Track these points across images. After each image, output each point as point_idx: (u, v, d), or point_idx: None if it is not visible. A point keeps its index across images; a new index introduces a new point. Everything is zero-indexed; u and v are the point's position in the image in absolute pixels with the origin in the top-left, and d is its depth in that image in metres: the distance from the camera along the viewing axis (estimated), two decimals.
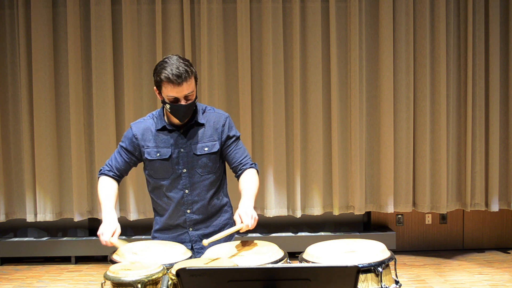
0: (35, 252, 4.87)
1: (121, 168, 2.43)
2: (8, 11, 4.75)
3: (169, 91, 2.21)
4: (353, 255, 2.04)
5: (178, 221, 2.40)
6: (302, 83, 4.78)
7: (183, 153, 2.33)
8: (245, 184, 2.32)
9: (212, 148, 2.35)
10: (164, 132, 2.34)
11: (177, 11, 4.71)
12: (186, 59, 2.26)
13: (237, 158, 2.39)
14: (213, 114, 2.39)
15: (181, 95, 2.21)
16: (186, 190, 2.36)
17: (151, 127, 2.37)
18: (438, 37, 4.72)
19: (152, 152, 2.34)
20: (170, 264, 2.02)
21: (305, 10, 4.76)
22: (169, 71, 2.17)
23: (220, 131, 2.37)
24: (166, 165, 2.33)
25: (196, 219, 2.40)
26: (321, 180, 4.79)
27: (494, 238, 5.20)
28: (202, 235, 2.41)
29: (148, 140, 2.35)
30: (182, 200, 2.37)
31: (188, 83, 2.20)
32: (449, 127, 4.83)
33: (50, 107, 4.71)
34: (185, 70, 2.18)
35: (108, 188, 2.36)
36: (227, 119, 2.40)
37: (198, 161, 2.33)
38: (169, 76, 2.17)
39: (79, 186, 4.72)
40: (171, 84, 2.18)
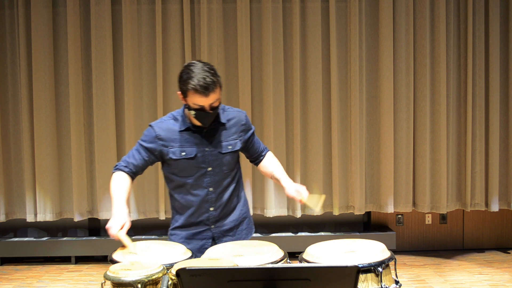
0: (35, 252, 4.87)
1: (138, 165, 2.47)
2: (8, 11, 4.75)
3: (195, 100, 2.25)
4: (353, 255, 2.04)
5: (201, 218, 2.45)
6: (302, 83, 4.78)
7: (208, 152, 2.38)
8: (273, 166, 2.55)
9: (235, 146, 2.44)
10: (188, 132, 2.38)
11: (177, 11, 4.71)
12: (210, 65, 2.28)
13: (256, 148, 2.57)
14: (232, 113, 2.46)
15: (207, 104, 2.25)
16: (210, 188, 2.41)
17: (174, 127, 2.40)
18: (438, 37, 4.72)
19: (177, 152, 2.38)
20: (170, 264, 2.02)
21: (305, 10, 4.76)
22: (196, 82, 2.20)
23: (242, 129, 2.47)
24: (191, 164, 2.38)
25: (218, 215, 2.46)
26: (321, 180, 4.79)
27: (494, 238, 5.20)
28: (224, 231, 2.48)
29: (172, 140, 2.39)
30: (206, 197, 2.42)
31: (215, 93, 2.24)
32: (449, 127, 4.83)
33: (50, 107, 4.71)
34: (212, 81, 2.21)
35: (121, 183, 2.41)
36: (246, 117, 2.52)
37: (222, 159, 2.40)
38: (196, 88, 2.20)
39: (79, 186, 4.72)
40: (198, 94, 2.22)
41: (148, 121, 4.78)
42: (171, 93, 4.73)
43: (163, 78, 4.71)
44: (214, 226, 2.46)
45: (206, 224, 2.46)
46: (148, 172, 4.77)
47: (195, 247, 2.40)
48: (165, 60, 4.72)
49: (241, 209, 2.55)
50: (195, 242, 2.45)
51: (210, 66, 2.27)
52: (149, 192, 4.80)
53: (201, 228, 2.46)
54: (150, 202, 4.81)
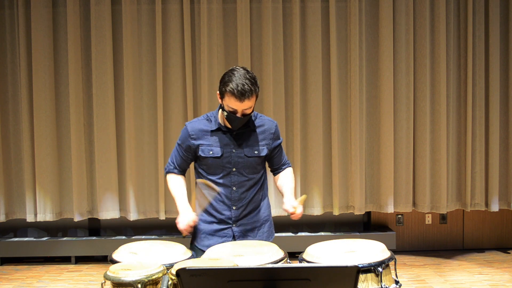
0: (35, 252, 4.87)
1: (182, 164, 2.62)
2: (8, 11, 4.75)
3: (230, 103, 2.36)
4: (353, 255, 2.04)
5: (223, 216, 2.54)
6: (302, 83, 4.78)
7: (235, 154, 2.50)
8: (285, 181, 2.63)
9: (261, 152, 2.54)
10: (218, 133, 2.52)
11: (177, 11, 4.71)
12: (252, 74, 2.39)
13: (279, 161, 2.68)
14: (263, 120, 2.59)
15: (240, 109, 2.37)
16: (233, 187, 2.53)
17: (206, 127, 2.53)
18: (438, 37, 4.72)
19: (206, 150, 2.50)
20: (170, 264, 2.02)
21: (305, 10, 4.76)
22: (235, 86, 2.32)
23: (270, 138, 2.58)
24: (217, 162, 2.50)
25: (240, 215, 2.55)
26: (321, 180, 4.80)
27: (494, 238, 5.20)
28: (245, 230, 2.56)
29: (203, 139, 2.52)
30: (230, 195, 2.52)
31: (250, 100, 2.36)
32: (449, 127, 4.83)
33: (50, 107, 4.71)
34: (249, 89, 2.32)
35: (178, 184, 2.59)
36: (277, 127, 2.64)
37: (247, 162, 2.52)
38: (233, 91, 2.32)
39: (79, 186, 4.72)
40: (234, 98, 2.33)
41: (148, 121, 4.80)
42: (171, 93, 4.74)
43: (163, 78, 4.71)
44: (235, 225, 2.55)
45: (228, 222, 2.54)
46: (148, 172, 4.79)
47: (215, 243, 2.47)
48: (165, 60, 4.72)
49: (263, 211, 2.64)
50: (216, 238, 2.52)
51: (252, 75, 2.38)
52: (149, 192, 4.80)
53: (223, 226, 2.55)
54: (150, 202, 4.81)
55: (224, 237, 2.53)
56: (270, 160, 2.66)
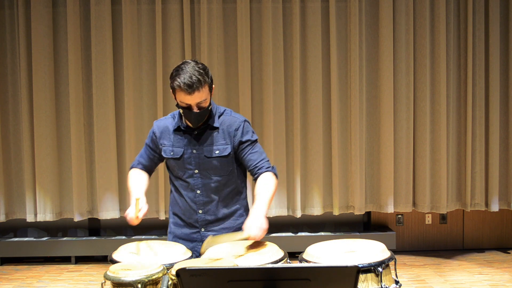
0: (35, 252, 4.87)
1: (147, 164, 2.51)
2: (8, 11, 4.75)
3: (181, 98, 2.25)
4: (353, 255, 2.04)
5: (191, 219, 2.44)
6: (302, 83, 4.78)
7: (195, 154, 2.37)
8: (259, 189, 2.28)
9: (223, 151, 2.36)
10: (179, 133, 2.40)
11: (177, 11, 4.71)
12: (203, 65, 2.27)
13: (252, 161, 2.36)
14: (228, 118, 2.40)
15: (193, 103, 2.24)
16: (198, 191, 2.39)
17: (170, 126, 2.43)
18: (438, 37, 4.72)
19: (167, 151, 2.41)
20: (170, 264, 2.02)
21: (305, 10, 4.76)
22: (182, 79, 2.20)
23: (233, 135, 2.37)
24: (178, 164, 2.39)
25: (208, 219, 2.42)
26: (321, 180, 4.79)
27: (494, 238, 5.20)
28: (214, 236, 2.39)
29: (165, 139, 2.42)
30: (195, 199, 2.41)
31: (200, 92, 2.22)
32: (449, 127, 4.83)
33: (50, 107, 4.71)
34: (197, 80, 2.19)
35: (136, 178, 2.46)
36: (242, 124, 2.39)
37: (209, 163, 2.36)
38: (180, 85, 2.21)
39: (79, 186, 4.72)
40: (183, 92, 2.22)
41: (148, 121, 4.79)
42: (171, 93, 4.71)
43: (163, 78, 4.71)
44: (204, 229, 2.43)
45: (196, 226, 2.44)
46: None
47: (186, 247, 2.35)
48: (165, 60, 4.72)
49: (237, 219, 2.45)
50: (187, 243, 2.42)
51: (202, 66, 2.26)
52: (149, 192, 4.79)
53: (191, 230, 2.45)
54: (150, 202, 4.78)
55: (194, 242, 2.41)
56: (242, 161, 2.39)
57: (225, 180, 2.40)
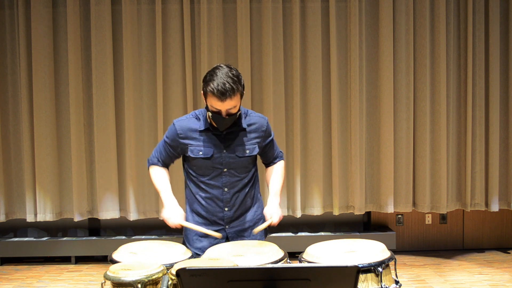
0: (35, 252, 4.87)
1: (166, 161, 2.58)
2: (8, 11, 4.75)
3: (212, 103, 2.30)
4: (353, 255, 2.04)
5: (215, 217, 2.49)
6: (302, 83, 4.78)
7: (225, 154, 2.44)
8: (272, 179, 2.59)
9: (253, 151, 2.49)
10: (207, 133, 2.44)
11: (177, 11, 4.71)
12: (236, 72, 2.31)
13: (270, 155, 2.62)
14: (254, 118, 2.51)
15: (224, 109, 2.29)
16: (225, 188, 2.47)
17: (195, 126, 2.46)
18: (438, 37, 4.72)
19: (195, 151, 2.44)
20: (170, 264, 2.02)
21: (305, 10, 4.76)
22: (215, 85, 2.24)
23: (262, 135, 2.52)
24: (207, 163, 2.44)
25: (233, 216, 2.51)
26: (321, 180, 4.79)
27: (494, 238, 5.20)
28: (239, 231, 2.52)
29: (192, 139, 2.45)
30: (221, 197, 2.47)
31: (232, 100, 2.28)
32: (449, 127, 4.83)
33: (50, 107, 4.71)
34: (230, 88, 2.24)
35: (162, 176, 2.54)
36: (267, 123, 2.56)
37: (239, 162, 2.46)
38: (213, 91, 2.25)
39: (79, 186, 4.72)
40: (215, 98, 2.26)
41: (148, 121, 4.80)
42: (171, 93, 4.73)
43: (163, 78, 4.71)
44: (228, 226, 2.50)
45: (220, 224, 2.50)
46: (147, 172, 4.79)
47: (208, 245, 2.42)
48: (165, 60, 4.72)
49: (256, 210, 2.59)
50: (209, 240, 2.46)
51: (235, 73, 2.30)
52: (149, 192, 4.80)
53: (215, 227, 2.49)
54: (150, 202, 4.81)
55: (218, 239, 2.46)
56: (262, 155, 2.62)
57: (249, 177, 2.54)
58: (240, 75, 2.33)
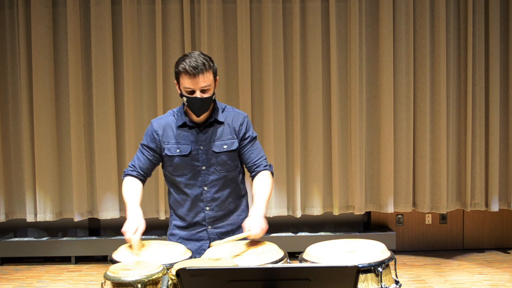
0: (35, 252, 4.87)
1: (144, 167, 2.43)
2: (8, 11, 4.75)
3: (185, 82, 2.26)
4: (353, 255, 2.04)
5: (197, 218, 2.43)
6: (302, 83, 4.78)
7: (203, 150, 2.36)
8: (258, 189, 2.33)
9: (231, 146, 2.38)
10: (184, 129, 2.38)
11: (177, 11, 4.71)
12: (208, 55, 2.31)
13: (251, 158, 2.42)
14: (232, 112, 2.44)
15: (197, 87, 2.25)
16: (205, 187, 2.39)
17: (172, 123, 2.40)
18: (438, 37, 4.72)
19: (172, 148, 2.37)
20: (170, 264, 2.02)
21: (305, 10, 4.76)
22: (187, 62, 2.23)
23: (238, 129, 2.41)
24: (185, 161, 2.36)
25: (215, 216, 2.43)
26: (321, 180, 4.79)
27: (494, 238, 5.20)
28: (220, 233, 2.43)
29: (169, 136, 2.39)
30: (201, 197, 2.40)
31: (205, 75, 2.24)
32: (449, 127, 4.83)
33: (50, 107, 4.71)
34: (202, 63, 2.23)
35: (132, 187, 2.37)
36: (246, 119, 2.45)
37: (217, 158, 2.37)
38: (185, 67, 2.23)
39: (79, 186, 4.72)
40: (187, 75, 2.23)
41: (148, 121, 4.78)
42: (171, 93, 4.73)
43: (163, 78, 4.71)
44: (211, 226, 2.43)
45: (203, 224, 2.43)
46: None
47: (192, 248, 2.37)
48: (165, 60, 4.72)
49: (241, 213, 2.49)
50: (193, 243, 2.42)
51: (207, 55, 2.30)
52: (149, 192, 4.80)
53: (198, 229, 2.44)
54: (150, 202, 4.81)
55: (201, 241, 2.41)
56: (241, 157, 2.43)
57: (231, 175, 2.42)
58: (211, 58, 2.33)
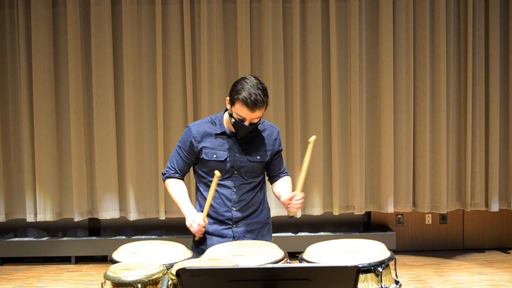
0: (35, 252, 4.87)
1: (182, 168, 2.62)
2: (8, 11, 4.75)
3: (240, 111, 2.39)
4: (353, 255, 2.04)
5: (223, 217, 2.57)
6: (302, 83, 4.78)
7: (238, 158, 2.53)
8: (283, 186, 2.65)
9: (264, 157, 2.58)
10: (222, 136, 2.55)
11: (177, 11, 4.71)
12: (264, 85, 2.43)
13: (276, 169, 2.70)
14: (267, 126, 2.63)
15: (249, 118, 2.40)
16: (234, 189, 2.56)
17: (210, 130, 2.56)
18: (438, 37, 4.72)
19: (210, 153, 2.53)
20: (170, 264, 2.02)
21: (305, 10, 4.76)
22: (248, 95, 2.35)
23: (272, 144, 2.61)
24: (220, 166, 2.52)
25: (240, 216, 2.58)
26: (321, 180, 4.79)
27: (494, 238, 5.20)
28: (244, 231, 2.59)
29: (207, 142, 2.54)
30: (230, 197, 2.56)
31: (260, 111, 2.39)
32: (449, 127, 4.83)
33: (50, 107, 4.71)
34: (262, 100, 2.37)
35: (179, 189, 2.60)
36: (278, 133, 2.67)
37: (249, 167, 2.55)
38: (246, 101, 2.34)
39: (79, 186, 4.72)
40: (245, 107, 2.36)
41: (148, 121, 4.80)
42: (171, 93, 4.74)
43: (163, 78, 4.71)
44: (235, 226, 2.57)
45: (228, 223, 2.57)
46: (148, 172, 4.80)
47: (215, 243, 2.50)
48: (165, 60, 4.72)
49: (264, 214, 2.68)
50: (216, 238, 2.55)
51: (264, 86, 2.42)
52: (149, 192, 4.80)
53: (223, 226, 2.57)
54: (150, 202, 4.81)
55: (225, 238, 2.55)
56: (269, 167, 2.67)
57: (257, 182, 2.62)
58: (267, 88, 2.44)
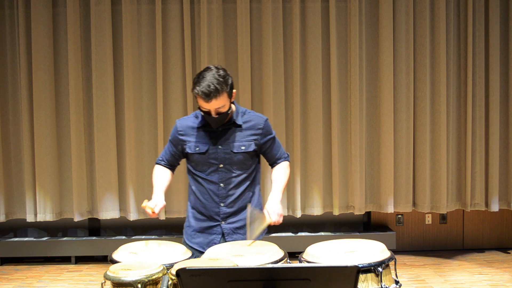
0: (35, 252, 4.87)
1: (170, 159, 2.69)
2: (8, 11, 4.75)
3: (200, 104, 2.42)
4: (353, 255, 2.04)
5: (212, 212, 2.57)
6: (302, 83, 4.78)
7: (221, 150, 2.53)
8: (275, 177, 2.63)
9: (249, 147, 2.55)
10: (204, 129, 2.56)
11: (177, 11, 4.71)
12: (223, 72, 2.41)
13: (273, 156, 2.67)
14: (252, 116, 2.61)
15: (211, 108, 2.41)
16: (221, 184, 2.55)
17: (193, 124, 2.58)
18: (438, 37, 4.72)
19: (192, 146, 2.56)
20: (170, 264, 2.02)
21: (305, 10, 4.76)
22: (200, 88, 2.36)
23: (259, 133, 2.59)
24: (203, 158, 2.54)
25: (229, 212, 2.57)
26: (321, 180, 4.79)
27: (494, 238, 5.20)
28: (234, 228, 2.57)
29: (190, 135, 2.57)
30: (217, 192, 2.55)
31: (218, 100, 2.38)
32: (449, 127, 4.83)
33: (50, 107, 4.71)
34: (215, 89, 2.35)
35: (159, 175, 2.66)
36: (266, 122, 2.63)
37: (234, 158, 2.53)
38: (198, 93, 2.37)
39: (79, 186, 4.72)
40: (201, 99, 2.39)
41: (148, 121, 4.80)
42: (171, 93, 4.73)
43: (163, 78, 4.71)
44: (224, 222, 2.56)
45: (217, 219, 2.56)
46: (148, 172, 4.80)
47: (204, 241, 2.52)
48: (165, 60, 4.72)
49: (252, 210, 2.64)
50: (205, 235, 2.56)
51: (222, 73, 2.40)
52: (149, 192, 4.76)
53: (211, 223, 2.57)
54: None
55: (214, 234, 2.56)
56: (265, 155, 2.68)
57: (246, 174, 2.58)
58: (228, 75, 2.43)
